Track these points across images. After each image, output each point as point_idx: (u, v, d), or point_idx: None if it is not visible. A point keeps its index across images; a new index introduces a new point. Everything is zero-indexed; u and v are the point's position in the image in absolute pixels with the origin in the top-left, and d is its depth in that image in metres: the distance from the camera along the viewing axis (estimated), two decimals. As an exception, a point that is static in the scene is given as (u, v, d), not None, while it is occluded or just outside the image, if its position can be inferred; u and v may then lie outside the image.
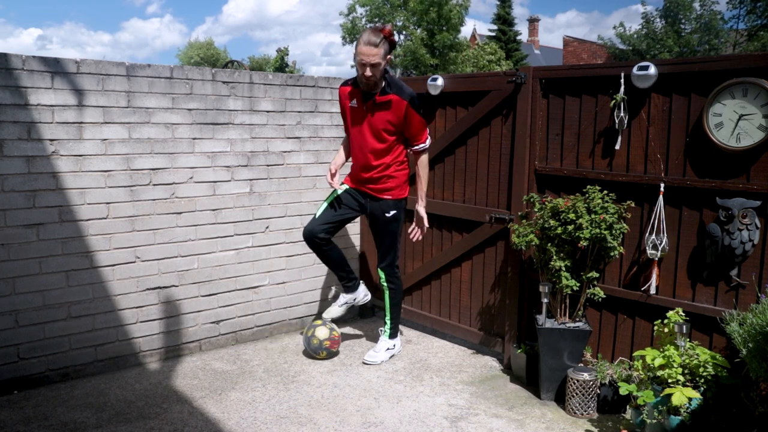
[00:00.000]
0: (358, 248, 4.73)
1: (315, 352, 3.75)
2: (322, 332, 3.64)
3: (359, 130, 3.71)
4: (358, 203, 3.82)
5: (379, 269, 3.90)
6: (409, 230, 3.87)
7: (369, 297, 4.15)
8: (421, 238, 3.89)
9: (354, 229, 4.70)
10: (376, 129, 3.66)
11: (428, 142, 3.78)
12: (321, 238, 3.79)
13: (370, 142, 3.68)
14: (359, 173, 3.78)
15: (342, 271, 3.99)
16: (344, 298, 4.06)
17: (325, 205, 3.85)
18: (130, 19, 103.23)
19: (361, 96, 3.66)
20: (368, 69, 3.48)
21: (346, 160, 3.97)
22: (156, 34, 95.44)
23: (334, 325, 3.90)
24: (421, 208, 3.80)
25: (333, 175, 3.77)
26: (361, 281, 4.15)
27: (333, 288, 4.59)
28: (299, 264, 4.41)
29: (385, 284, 3.92)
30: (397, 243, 3.87)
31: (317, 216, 3.84)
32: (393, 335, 4.01)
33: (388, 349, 3.97)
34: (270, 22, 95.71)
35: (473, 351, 4.13)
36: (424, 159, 3.78)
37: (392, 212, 3.78)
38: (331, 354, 3.71)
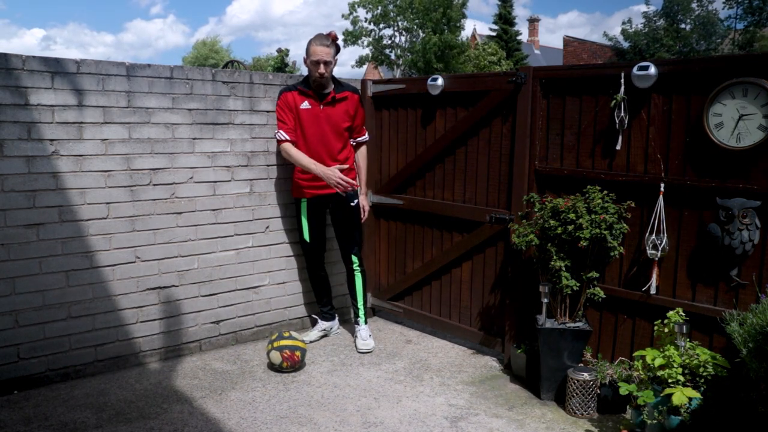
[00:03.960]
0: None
1: (280, 372, 3.74)
2: (274, 357, 3.66)
3: (318, 129, 3.94)
4: (326, 207, 4.09)
5: (352, 255, 4.19)
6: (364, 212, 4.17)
7: (339, 330, 4.47)
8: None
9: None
10: (336, 124, 3.98)
11: (367, 135, 4.25)
12: (322, 258, 4.27)
13: (332, 138, 3.97)
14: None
15: (327, 298, 4.36)
16: (323, 324, 4.36)
17: (306, 228, 4.12)
18: (133, 19, 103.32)
19: (315, 97, 3.93)
20: (322, 66, 3.82)
21: None
22: (159, 35, 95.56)
23: (287, 342, 3.70)
24: (363, 198, 4.20)
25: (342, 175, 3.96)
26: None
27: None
28: (299, 264, 4.41)
29: (357, 268, 4.21)
30: (362, 227, 4.28)
31: (309, 241, 4.15)
32: (366, 321, 4.25)
33: (370, 335, 4.19)
34: (273, 23, 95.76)
35: (473, 351, 4.13)
36: (364, 150, 4.26)
37: (355, 200, 4.12)
38: (295, 366, 3.70)
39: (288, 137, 3.92)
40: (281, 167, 4.24)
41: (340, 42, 4.05)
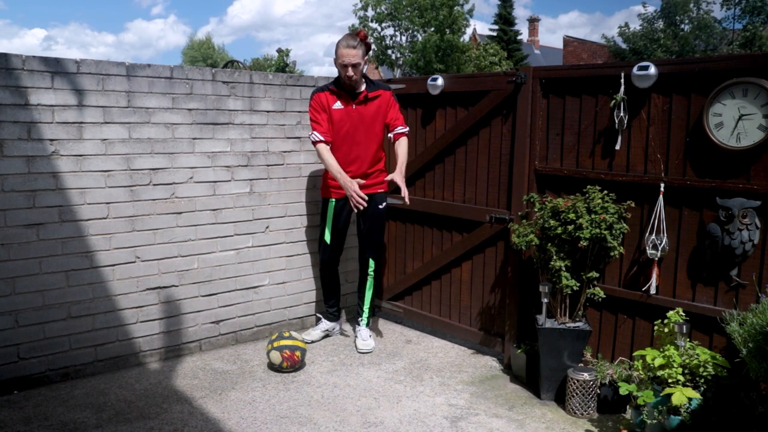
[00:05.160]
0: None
1: (279, 371, 3.74)
2: (274, 356, 3.66)
3: (351, 128, 3.89)
4: (351, 211, 3.99)
5: (370, 259, 4.14)
6: (403, 194, 3.78)
7: (339, 330, 4.42)
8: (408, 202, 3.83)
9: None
10: (370, 123, 3.92)
11: (406, 127, 4.03)
12: (338, 260, 4.20)
13: (365, 137, 3.91)
14: (355, 172, 3.90)
15: (335, 299, 4.32)
16: (326, 324, 4.33)
17: (328, 229, 4.06)
18: (134, 20, 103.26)
19: (347, 96, 3.88)
20: (350, 69, 3.76)
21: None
22: (160, 35, 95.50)
23: (287, 342, 3.69)
24: (398, 175, 3.77)
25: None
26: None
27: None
28: (299, 264, 4.41)
29: (372, 273, 4.17)
30: (383, 233, 4.22)
31: (329, 243, 4.08)
32: (368, 323, 4.24)
33: (370, 335, 4.18)
34: (274, 23, 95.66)
35: (473, 351, 4.13)
36: (404, 141, 3.98)
37: (384, 203, 4.06)
38: (295, 366, 3.71)
39: (322, 138, 3.82)
40: (281, 167, 4.24)
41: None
